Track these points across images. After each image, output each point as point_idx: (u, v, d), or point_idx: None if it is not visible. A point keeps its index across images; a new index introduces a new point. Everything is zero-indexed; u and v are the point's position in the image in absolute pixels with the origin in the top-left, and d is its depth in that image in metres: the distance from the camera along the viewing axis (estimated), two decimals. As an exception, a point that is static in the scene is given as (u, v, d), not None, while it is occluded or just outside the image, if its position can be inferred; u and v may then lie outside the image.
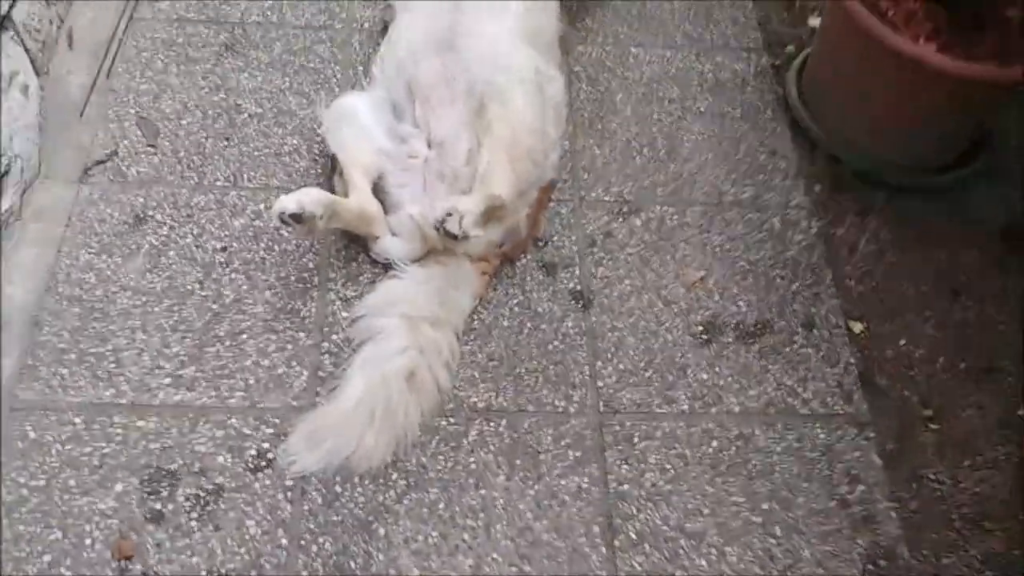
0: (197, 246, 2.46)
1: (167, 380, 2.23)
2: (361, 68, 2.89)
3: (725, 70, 3.05)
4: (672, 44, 3.11)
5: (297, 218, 2.19)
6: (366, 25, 3.03)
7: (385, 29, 2.89)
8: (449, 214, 2.15)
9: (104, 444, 2.13)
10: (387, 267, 2.42)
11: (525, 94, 2.37)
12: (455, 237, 2.16)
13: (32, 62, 2.62)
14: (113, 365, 2.24)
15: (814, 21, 3.23)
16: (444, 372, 2.21)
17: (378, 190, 2.43)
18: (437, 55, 2.50)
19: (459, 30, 2.52)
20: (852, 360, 2.42)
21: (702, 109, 2.93)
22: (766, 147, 2.85)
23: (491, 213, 2.29)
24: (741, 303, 2.50)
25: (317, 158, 2.63)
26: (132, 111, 2.72)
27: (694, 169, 2.77)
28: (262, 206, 2.56)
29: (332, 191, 2.51)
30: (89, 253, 2.42)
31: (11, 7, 2.50)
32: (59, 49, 2.78)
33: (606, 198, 2.68)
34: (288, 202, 2.19)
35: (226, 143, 2.68)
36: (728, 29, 3.18)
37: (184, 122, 2.71)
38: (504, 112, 2.33)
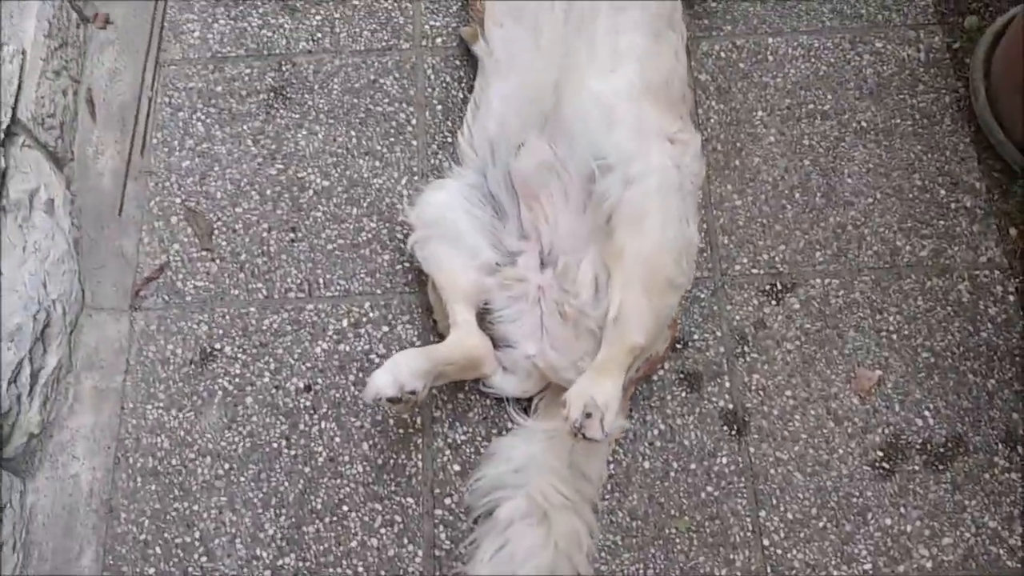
0: (277, 387, 2.10)
1: (267, 573, 1.94)
2: (439, 107, 2.37)
3: (889, 61, 2.43)
4: (819, 27, 2.48)
5: (396, 401, 1.81)
6: (439, 40, 2.46)
7: (467, 51, 2.35)
8: (588, 414, 1.73)
9: (208, 666, 1.88)
10: (498, 398, 2.05)
11: (664, 208, 1.87)
12: (597, 441, 1.76)
13: (53, 157, 2.18)
14: (204, 558, 1.96)
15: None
16: (584, 561, 1.88)
17: (483, 321, 2.00)
18: (539, 134, 1.99)
19: (565, 92, 1.98)
20: (1068, 484, 2.01)
21: (863, 123, 2.36)
22: (946, 176, 2.30)
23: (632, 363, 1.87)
24: (927, 413, 2.07)
25: (400, 246, 2.19)
26: (177, 200, 2.28)
27: (859, 217, 2.26)
28: (344, 322, 2.16)
29: (428, 304, 2.11)
30: (157, 408, 2.08)
31: (14, 109, 2.03)
32: (81, 123, 2.31)
33: (754, 270, 2.21)
34: (383, 384, 1.79)
35: (293, 236, 2.24)
36: (889, -6, 2.53)
37: (240, 210, 2.27)
38: (639, 240, 1.84)
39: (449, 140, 2.32)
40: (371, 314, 2.16)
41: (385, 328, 2.15)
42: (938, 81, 2.40)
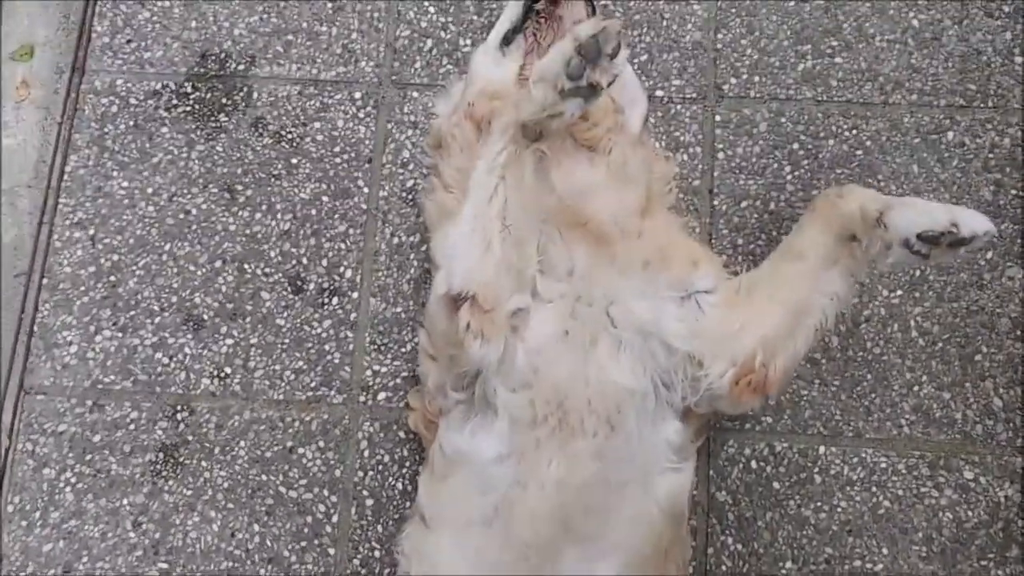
0: None
1: None
2: (369, 502, 1.83)
3: (976, 503, 1.82)
4: (892, 436, 1.84)
5: None
6: (381, 397, 1.88)
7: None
8: None
9: None
10: None
11: None
12: None
13: None
14: None
15: None
16: None
17: None
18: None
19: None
20: None
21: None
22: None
23: None
24: None
25: None
26: (38, 600, 1.84)
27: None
28: None
29: None
30: None
31: None
32: (-81, 482, 1.84)
33: None
34: None
35: (170, 672, 1.81)
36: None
37: (111, 626, 1.82)
38: None
39: (377, 554, 1.81)
40: None
41: None
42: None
